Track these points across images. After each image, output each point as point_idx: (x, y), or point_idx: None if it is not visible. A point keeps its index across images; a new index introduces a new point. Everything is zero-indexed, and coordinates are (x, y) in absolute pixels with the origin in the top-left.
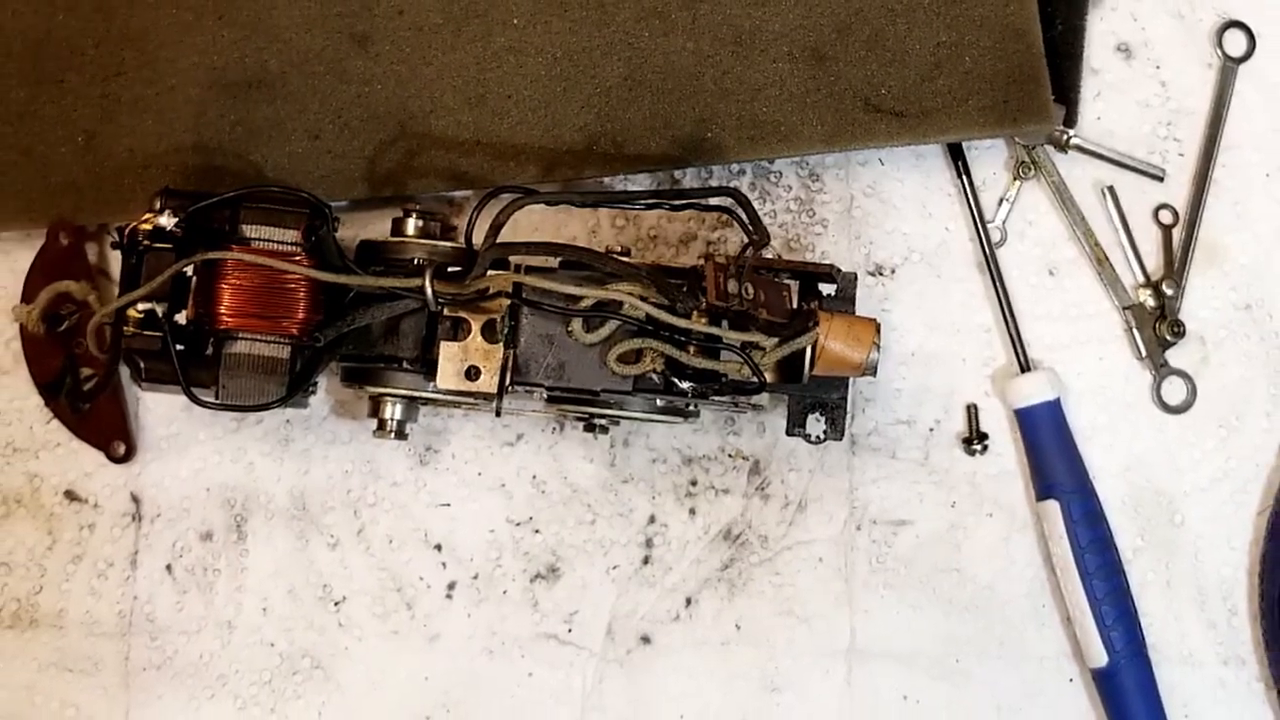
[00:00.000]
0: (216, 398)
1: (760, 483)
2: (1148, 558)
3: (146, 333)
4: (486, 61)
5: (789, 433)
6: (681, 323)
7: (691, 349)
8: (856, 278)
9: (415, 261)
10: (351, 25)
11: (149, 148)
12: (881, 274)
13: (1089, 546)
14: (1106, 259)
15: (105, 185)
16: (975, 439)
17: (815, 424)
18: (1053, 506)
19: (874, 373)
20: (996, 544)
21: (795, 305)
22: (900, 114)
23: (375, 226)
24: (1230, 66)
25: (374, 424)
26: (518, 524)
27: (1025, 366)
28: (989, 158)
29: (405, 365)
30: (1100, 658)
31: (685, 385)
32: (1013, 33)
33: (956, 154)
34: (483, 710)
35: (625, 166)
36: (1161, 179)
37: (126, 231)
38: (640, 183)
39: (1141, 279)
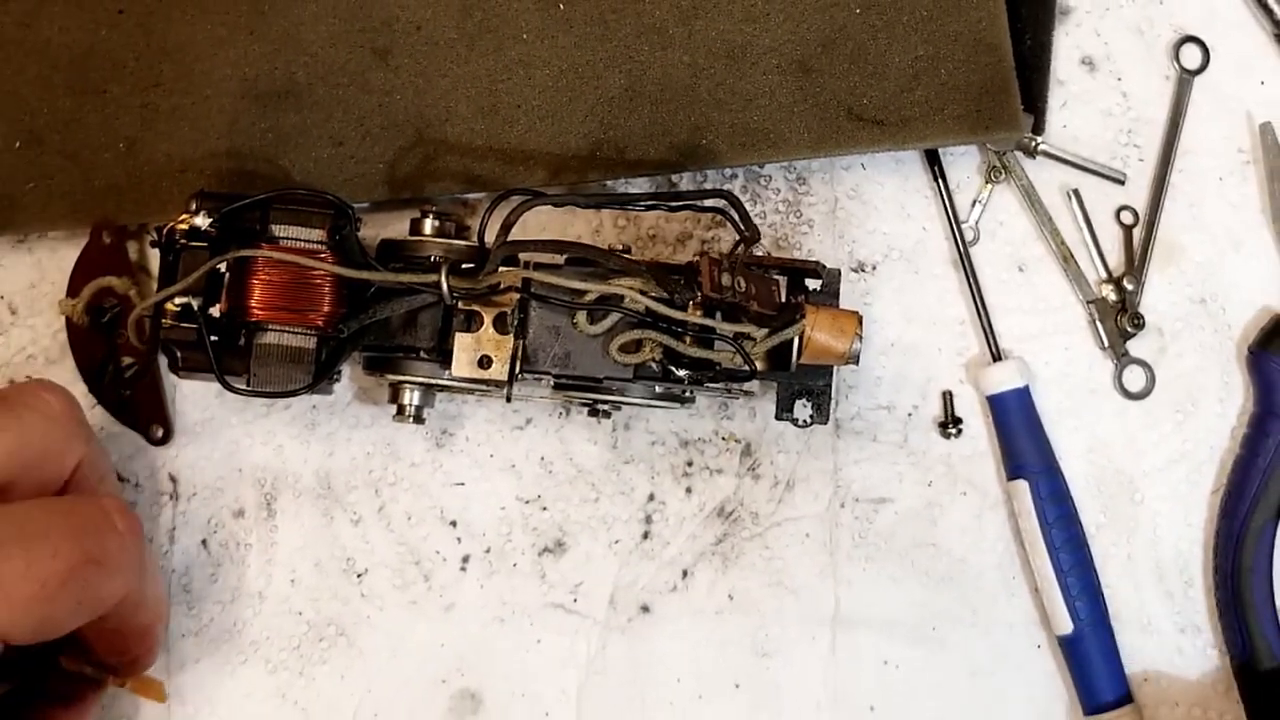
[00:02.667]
0: (248, 385)
1: (751, 463)
2: (1110, 533)
3: (183, 325)
4: (498, 73)
5: (778, 417)
6: (679, 315)
7: (688, 339)
8: (840, 273)
9: (432, 259)
10: (373, 40)
11: (185, 153)
12: (863, 270)
13: (1055, 523)
14: (1072, 256)
15: (145, 188)
16: (950, 423)
17: (802, 409)
18: (1022, 486)
19: (856, 361)
20: (970, 520)
21: (784, 299)
22: (881, 122)
23: (395, 226)
24: (1186, 78)
25: (394, 409)
26: (527, 502)
27: (996, 356)
28: (963, 163)
29: (423, 355)
30: (1066, 625)
31: (682, 373)
32: (985, 47)
33: (933, 159)
34: (494, 674)
35: (626, 171)
36: (1123, 182)
37: (165, 231)
38: (640, 186)
39: (1104, 275)
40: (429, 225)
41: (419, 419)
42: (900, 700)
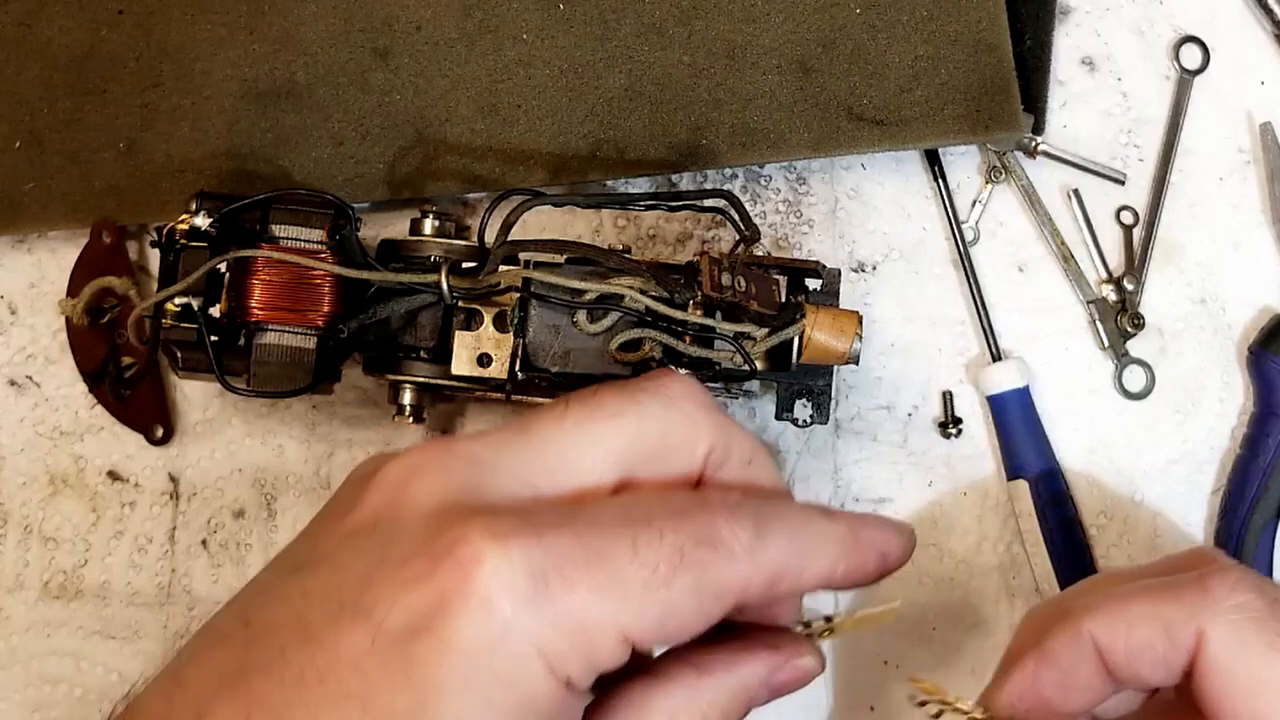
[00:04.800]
0: (248, 385)
1: None
2: (1110, 533)
3: (183, 325)
4: (498, 74)
5: (778, 417)
6: (678, 314)
7: (687, 339)
8: (840, 273)
9: (432, 259)
10: (373, 40)
11: (185, 153)
12: (864, 270)
13: (1055, 523)
14: (1072, 257)
15: (145, 188)
16: (950, 423)
17: (802, 409)
18: (1022, 486)
19: (856, 361)
20: (970, 521)
21: (784, 299)
22: (881, 122)
23: (395, 226)
24: (1186, 79)
25: (394, 409)
26: None
27: (996, 356)
28: (963, 163)
29: (422, 354)
30: None
31: (682, 372)
32: (985, 47)
33: (933, 159)
34: None
35: (626, 171)
36: (1123, 182)
37: (164, 231)
38: (640, 186)
39: (1104, 275)
40: (429, 225)
41: (419, 419)
42: (900, 700)
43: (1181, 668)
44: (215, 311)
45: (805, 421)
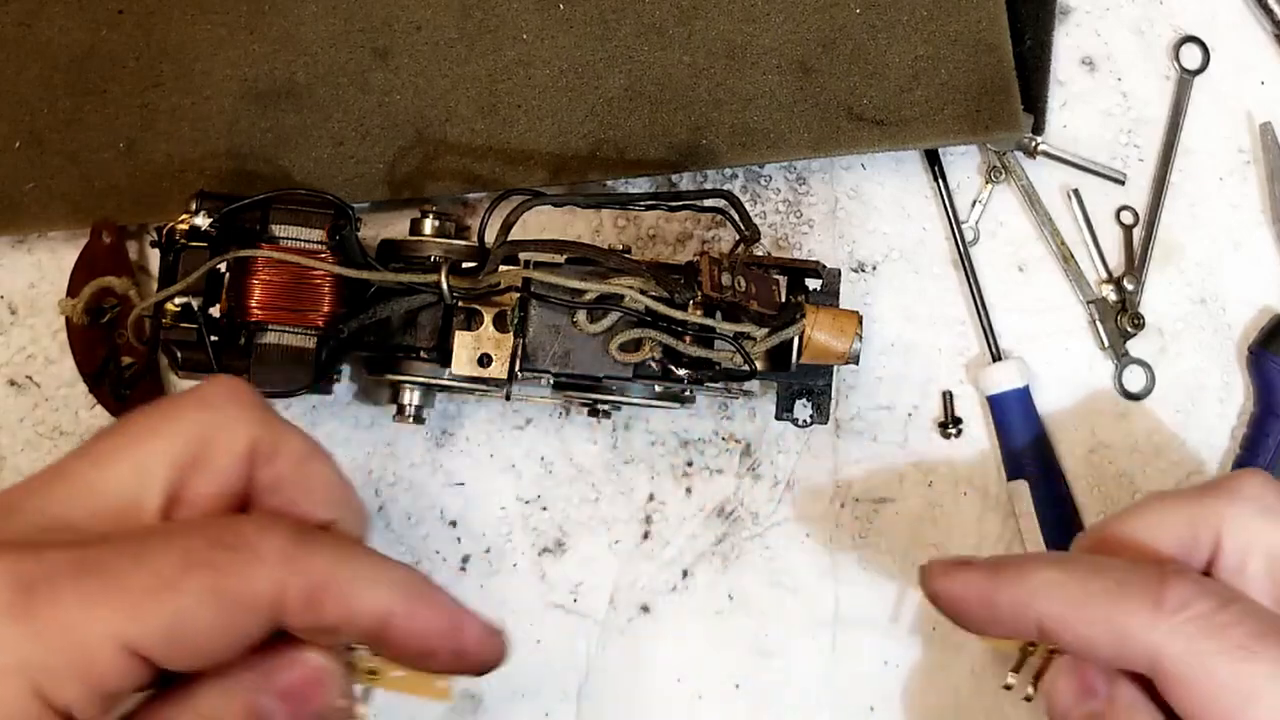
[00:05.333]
0: None
1: (751, 463)
2: None
3: (183, 325)
4: (498, 74)
5: (778, 417)
6: (678, 314)
7: (687, 339)
8: (840, 273)
9: (432, 259)
10: (373, 40)
11: (185, 153)
12: (863, 270)
13: (1055, 523)
14: (1072, 257)
15: (145, 188)
16: (950, 423)
17: (802, 409)
18: (1022, 486)
19: (856, 361)
20: (970, 521)
21: (784, 298)
22: (881, 122)
23: (395, 226)
24: (1186, 78)
25: (394, 409)
26: (527, 502)
27: (996, 356)
28: (963, 163)
29: (422, 354)
30: None
31: (682, 372)
32: (985, 47)
33: (933, 159)
34: (494, 675)
35: (626, 171)
36: (1123, 182)
37: (164, 231)
38: (640, 186)
39: (1104, 275)
40: (429, 225)
41: (419, 419)
42: (900, 700)
43: (1133, 669)
44: (215, 311)
45: (805, 421)
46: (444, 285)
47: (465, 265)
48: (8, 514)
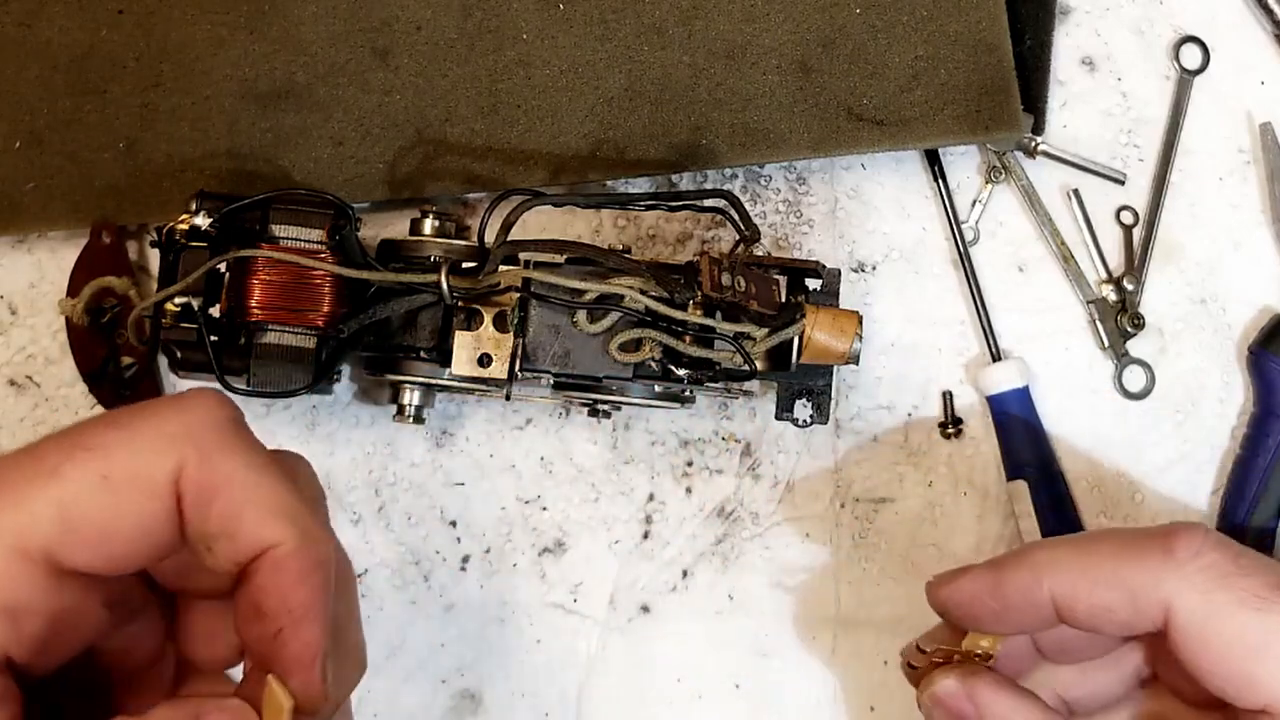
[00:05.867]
0: (248, 385)
1: (752, 463)
2: None
3: (183, 325)
4: (498, 74)
5: (778, 417)
6: (678, 314)
7: (687, 339)
8: (840, 273)
9: (432, 259)
10: (373, 40)
11: (185, 153)
12: (863, 270)
13: (1056, 523)
14: (1072, 257)
15: (145, 188)
16: (950, 423)
17: (802, 409)
18: (1022, 486)
19: (856, 361)
20: (970, 521)
21: (784, 298)
22: (881, 122)
23: (395, 226)
24: (1186, 78)
25: (394, 409)
26: (527, 502)
27: (996, 356)
28: (963, 163)
29: (422, 354)
30: None
31: (682, 372)
32: (985, 47)
33: (933, 159)
34: (494, 674)
35: (626, 171)
36: (1123, 182)
37: (164, 231)
38: (640, 186)
39: (1104, 275)
40: (429, 225)
41: (419, 419)
42: (900, 700)
43: (1145, 630)
44: (215, 311)
45: (805, 421)
46: (444, 285)
47: (465, 265)
48: None
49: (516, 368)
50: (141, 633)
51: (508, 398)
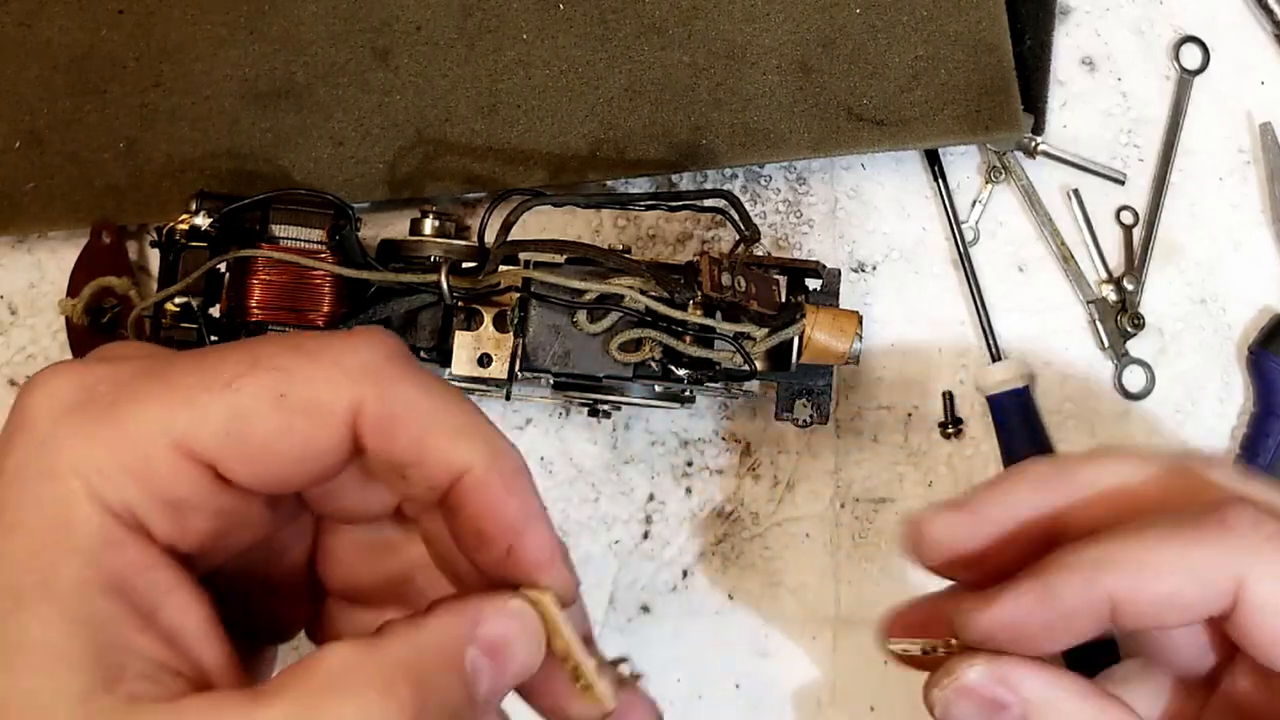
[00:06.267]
0: None
1: (752, 463)
2: None
3: (183, 325)
4: (498, 74)
5: (778, 417)
6: (678, 314)
7: (687, 339)
8: (840, 273)
9: (432, 259)
10: (373, 40)
11: (185, 153)
12: (863, 270)
13: None
14: (1072, 257)
15: (145, 188)
16: (950, 423)
17: (802, 409)
18: None
19: (857, 361)
20: None
21: (784, 298)
22: (881, 122)
23: (395, 226)
24: (1186, 79)
25: None
26: None
27: (996, 356)
28: (963, 163)
29: (423, 354)
30: None
31: (682, 372)
32: (985, 47)
33: (933, 159)
34: None
35: (626, 171)
36: (1123, 182)
37: (164, 231)
38: (640, 186)
39: (1104, 275)
40: (429, 225)
41: None
42: (900, 700)
43: (1211, 614)
44: (215, 311)
45: (805, 421)
46: (444, 285)
47: (465, 265)
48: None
49: (516, 368)
50: (294, 542)
51: (508, 398)
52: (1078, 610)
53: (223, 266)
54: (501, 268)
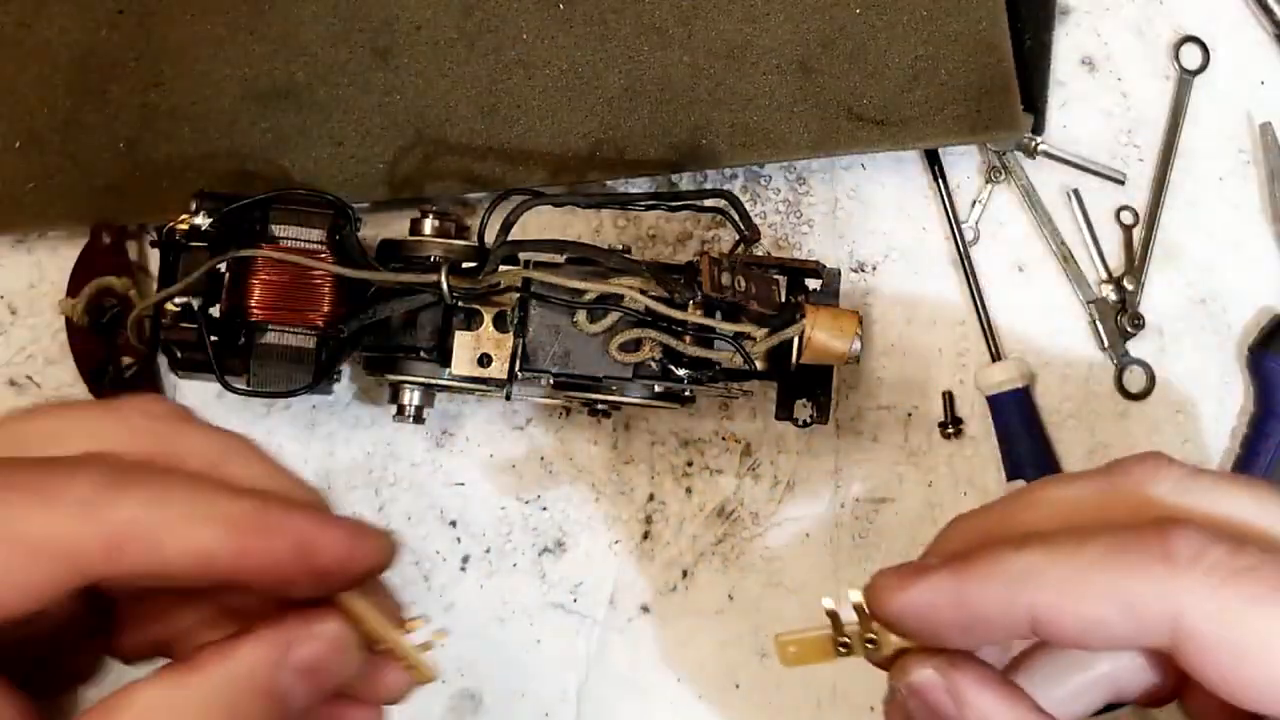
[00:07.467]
0: (248, 385)
1: (752, 464)
2: None
3: (183, 325)
4: (498, 74)
5: (778, 417)
6: (678, 314)
7: (687, 338)
8: (840, 273)
9: (432, 259)
10: (373, 40)
11: (185, 153)
12: (863, 270)
13: None
14: (1072, 257)
15: (145, 188)
16: (950, 424)
17: (802, 409)
18: (1022, 486)
19: (857, 361)
20: None
21: (784, 298)
22: (881, 122)
23: (394, 226)
24: (1186, 79)
25: (394, 409)
26: (527, 502)
27: (996, 356)
28: (963, 163)
29: (422, 354)
30: None
31: (682, 372)
32: (985, 47)
33: (933, 159)
34: (494, 674)
35: (626, 171)
36: (1123, 182)
37: (164, 231)
38: (640, 186)
39: (1104, 275)
40: (429, 225)
41: (419, 419)
42: None
43: (1146, 646)
44: (215, 311)
45: (805, 421)
46: (444, 285)
47: (465, 265)
48: None
49: (516, 368)
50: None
51: (508, 398)
52: (993, 617)
53: (223, 266)
54: (501, 268)
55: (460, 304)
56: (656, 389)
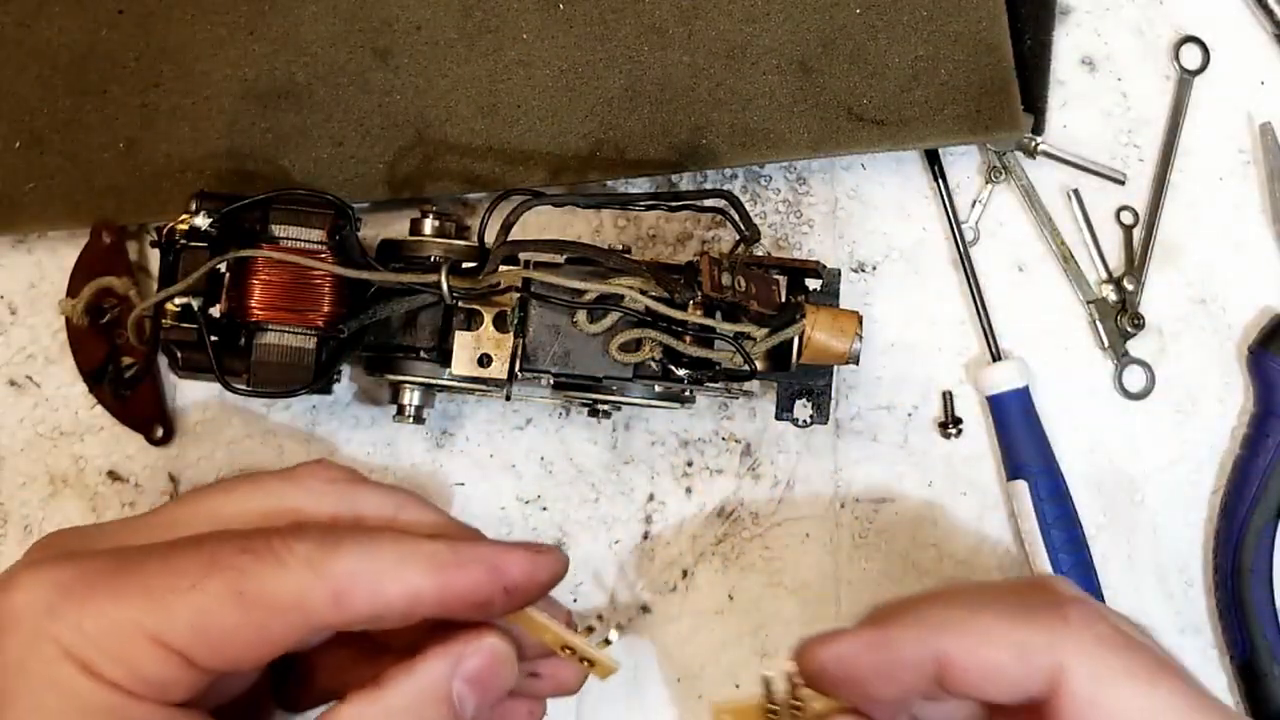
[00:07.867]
0: (248, 385)
1: (752, 463)
2: (1110, 534)
3: (183, 325)
4: (498, 74)
5: (778, 417)
6: (678, 314)
7: (688, 339)
8: (840, 273)
9: (432, 259)
10: (373, 40)
11: (185, 153)
12: (864, 270)
13: (1055, 523)
14: (1072, 257)
15: (145, 188)
16: (950, 424)
17: (802, 409)
18: (1022, 486)
19: (857, 361)
20: (970, 521)
21: (784, 298)
22: (881, 122)
23: (394, 226)
24: (1186, 79)
25: (394, 409)
26: (527, 502)
27: (996, 356)
28: (963, 163)
29: (423, 354)
30: None
31: (682, 372)
32: (985, 47)
33: (933, 159)
34: None
35: (626, 171)
36: (1123, 182)
37: (164, 231)
38: (640, 186)
39: (1104, 275)
40: (429, 225)
41: (419, 419)
42: None
43: (1030, 694)
44: (215, 311)
45: (805, 421)
46: (444, 285)
47: (465, 265)
48: (87, 539)
49: (516, 368)
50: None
51: (508, 398)
52: (908, 663)
53: (223, 266)
54: (501, 268)
55: (460, 304)
56: (656, 389)
